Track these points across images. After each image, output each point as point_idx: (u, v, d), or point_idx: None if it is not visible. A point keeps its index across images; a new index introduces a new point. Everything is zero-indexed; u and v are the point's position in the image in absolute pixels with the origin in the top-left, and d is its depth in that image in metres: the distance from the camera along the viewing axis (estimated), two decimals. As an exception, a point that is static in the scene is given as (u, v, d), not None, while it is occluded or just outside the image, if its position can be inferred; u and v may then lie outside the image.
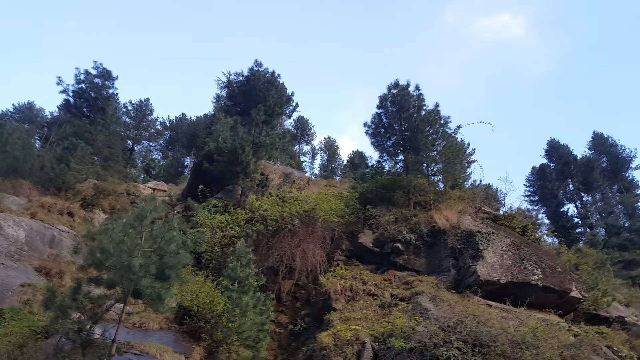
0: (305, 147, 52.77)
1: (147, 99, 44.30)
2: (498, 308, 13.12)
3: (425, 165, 19.50)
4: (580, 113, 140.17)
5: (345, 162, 49.67)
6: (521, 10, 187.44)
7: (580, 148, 65.86)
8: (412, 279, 15.15)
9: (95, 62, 33.04)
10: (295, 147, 47.08)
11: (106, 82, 32.75)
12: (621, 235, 38.10)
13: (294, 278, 16.32)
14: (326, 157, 52.76)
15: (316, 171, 50.39)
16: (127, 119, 42.56)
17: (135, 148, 43.94)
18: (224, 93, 38.28)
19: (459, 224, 16.38)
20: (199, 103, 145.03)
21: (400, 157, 20.49)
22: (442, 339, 10.12)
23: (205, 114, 41.43)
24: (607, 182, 47.40)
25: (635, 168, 48.64)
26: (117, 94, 34.21)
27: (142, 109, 43.89)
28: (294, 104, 40.82)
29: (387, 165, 21.42)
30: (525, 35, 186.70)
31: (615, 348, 12.54)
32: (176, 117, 48.86)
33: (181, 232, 10.51)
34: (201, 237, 10.45)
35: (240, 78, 34.06)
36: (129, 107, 43.31)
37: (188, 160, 43.65)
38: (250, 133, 20.15)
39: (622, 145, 49.48)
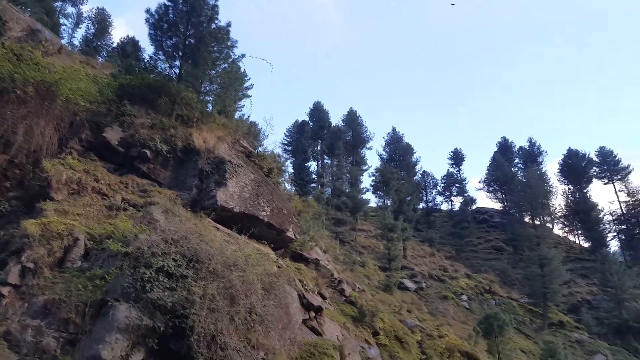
0: (70, 9, 43.32)
1: None
2: (224, 232, 14.02)
3: (201, 81, 18.74)
4: (354, 89, 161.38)
5: (115, 45, 42.96)
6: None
7: (337, 117, 75.69)
8: (151, 189, 14.61)
9: None
10: (57, 4, 38.09)
11: None
12: (340, 198, 46.27)
13: (9, 153, 13.43)
14: (93, 31, 44.48)
15: (76, 42, 42.19)
16: None
17: None
18: None
19: (214, 149, 16.56)
20: None
21: (177, 62, 19.03)
22: (162, 249, 10.11)
23: None
24: (346, 152, 56.46)
25: (369, 148, 59.50)
26: None
27: None
28: (68, -50, 32.61)
29: (160, 66, 19.62)
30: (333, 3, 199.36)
31: (305, 282, 15.30)
32: None
33: None
34: None
35: None
36: None
37: None
38: (-9, -44, 15.04)
39: (366, 127, 59.44)
